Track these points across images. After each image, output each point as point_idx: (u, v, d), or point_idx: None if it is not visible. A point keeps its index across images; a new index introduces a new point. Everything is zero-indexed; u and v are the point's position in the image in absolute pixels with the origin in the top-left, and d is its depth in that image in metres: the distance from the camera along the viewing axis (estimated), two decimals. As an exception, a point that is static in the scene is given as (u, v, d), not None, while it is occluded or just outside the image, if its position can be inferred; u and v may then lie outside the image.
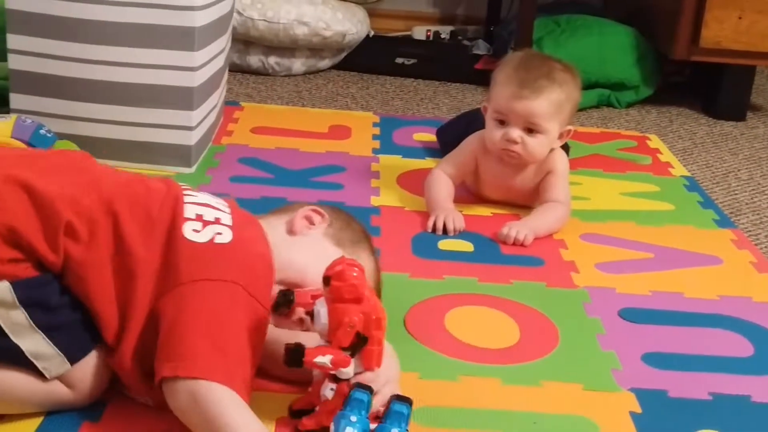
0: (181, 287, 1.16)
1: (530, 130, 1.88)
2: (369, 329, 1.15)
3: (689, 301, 1.67)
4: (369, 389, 1.14)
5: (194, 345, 1.11)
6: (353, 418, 1.11)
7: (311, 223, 1.37)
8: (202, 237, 1.21)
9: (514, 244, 1.82)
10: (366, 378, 1.17)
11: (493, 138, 1.90)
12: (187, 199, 1.26)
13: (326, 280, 1.15)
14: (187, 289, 1.16)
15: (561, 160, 1.97)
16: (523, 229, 1.84)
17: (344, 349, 1.14)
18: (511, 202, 2.01)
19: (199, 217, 1.24)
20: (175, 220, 1.22)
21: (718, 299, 1.68)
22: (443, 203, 1.92)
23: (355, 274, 1.14)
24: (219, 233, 1.22)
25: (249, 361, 1.16)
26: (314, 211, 1.38)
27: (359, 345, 1.15)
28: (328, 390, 1.17)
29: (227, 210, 1.30)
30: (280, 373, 1.28)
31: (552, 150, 1.93)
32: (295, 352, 1.14)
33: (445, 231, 1.85)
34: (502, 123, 1.89)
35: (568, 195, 1.96)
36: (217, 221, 1.24)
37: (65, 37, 1.93)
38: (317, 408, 1.19)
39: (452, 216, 1.87)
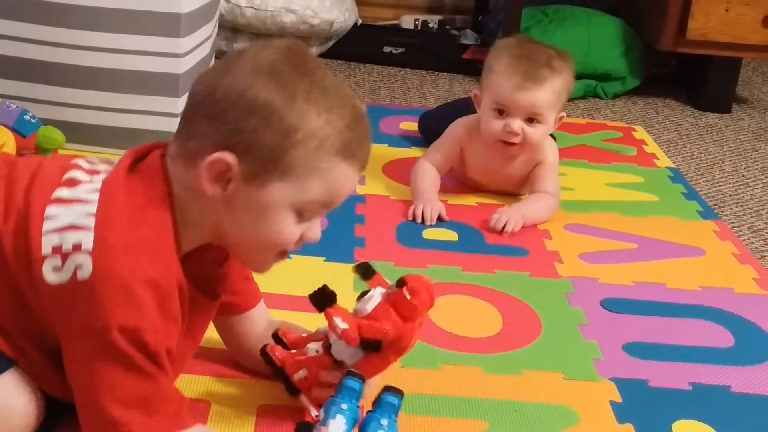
0: (62, 340, 1.05)
1: (530, 120, 1.88)
2: (390, 347, 1.16)
3: (671, 291, 1.68)
4: (361, 378, 1.14)
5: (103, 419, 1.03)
6: (344, 406, 1.12)
7: (221, 177, 1.05)
8: (63, 275, 1.02)
9: (502, 231, 1.83)
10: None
11: (493, 129, 1.90)
12: (46, 225, 1.04)
13: (401, 282, 1.16)
14: (66, 344, 1.05)
15: (551, 150, 1.98)
16: (513, 215, 1.85)
17: (361, 339, 1.14)
18: (498, 187, 2.02)
19: (57, 250, 1.03)
20: (32, 263, 1.04)
21: (699, 290, 1.69)
22: (425, 192, 1.92)
23: (422, 297, 1.16)
24: (80, 266, 1.02)
25: (153, 394, 1.04)
26: (215, 162, 1.03)
27: (371, 348, 1.16)
28: (312, 350, 1.19)
29: (94, 199, 1.05)
30: (256, 369, 1.28)
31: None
32: (324, 296, 1.16)
33: (424, 220, 1.86)
34: (501, 113, 1.89)
35: (558, 186, 1.97)
36: (75, 249, 1.03)
37: (51, 22, 1.92)
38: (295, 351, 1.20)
39: (431, 205, 1.88)
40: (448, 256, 1.74)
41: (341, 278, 1.25)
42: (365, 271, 1.21)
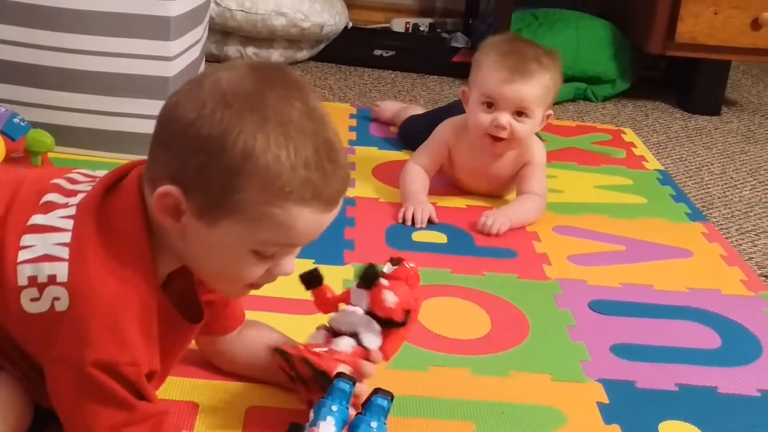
0: (44, 366, 1.05)
1: (518, 114, 1.89)
2: (410, 320, 1.20)
3: (659, 293, 1.68)
4: (352, 380, 1.14)
5: None
6: (334, 407, 1.12)
7: (173, 211, 1.01)
8: (41, 306, 1.01)
9: (489, 234, 1.83)
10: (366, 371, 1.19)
11: (481, 122, 1.90)
12: (21, 255, 1.03)
13: (397, 259, 1.22)
14: (48, 371, 1.04)
15: (539, 151, 1.99)
16: (499, 218, 1.85)
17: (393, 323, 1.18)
18: (486, 188, 2.02)
19: (32, 281, 1.01)
20: (9, 292, 1.02)
21: (687, 292, 1.69)
22: (415, 195, 1.93)
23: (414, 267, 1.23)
24: (57, 298, 1.01)
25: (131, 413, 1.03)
26: (162, 196, 0.99)
27: (395, 325, 1.19)
28: (348, 346, 1.19)
29: (68, 227, 1.03)
30: (261, 379, 1.29)
31: (532, 137, 1.95)
32: (313, 277, 1.21)
33: (414, 222, 1.87)
34: (489, 107, 1.90)
35: (545, 187, 1.97)
36: (51, 281, 1.01)
37: (40, 25, 1.92)
38: (325, 349, 1.19)
39: (421, 207, 1.88)
40: (437, 258, 1.74)
41: (331, 281, 1.25)
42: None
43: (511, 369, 1.41)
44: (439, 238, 1.84)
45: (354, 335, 1.20)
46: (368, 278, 1.19)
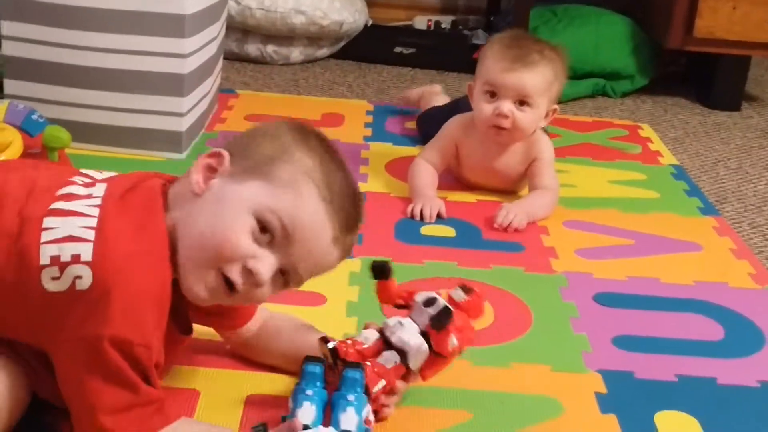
0: (52, 346, 1.08)
1: (521, 103, 1.90)
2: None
3: (665, 286, 1.69)
4: (322, 361, 1.17)
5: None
6: (309, 392, 1.14)
7: (212, 171, 1.13)
8: (61, 285, 1.05)
9: (506, 229, 1.85)
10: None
11: (484, 111, 1.92)
12: (44, 236, 1.07)
13: (467, 288, 1.25)
14: (56, 352, 1.07)
15: (546, 146, 1.99)
16: (519, 213, 1.87)
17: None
18: (494, 185, 2.03)
19: (55, 260, 1.05)
20: (30, 270, 1.05)
21: (693, 285, 1.70)
22: (424, 190, 1.94)
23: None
24: (79, 276, 1.04)
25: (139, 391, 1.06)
26: (212, 155, 1.14)
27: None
28: (391, 361, 1.21)
29: (94, 214, 1.08)
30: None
31: (536, 134, 1.96)
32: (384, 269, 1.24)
33: (423, 218, 1.88)
34: (492, 96, 1.91)
35: (557, 180, 1.98)
36: (74, 260, 1.05)
37: (58, 23, 1.96)
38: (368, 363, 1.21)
39: (430, 203, 1.90)
40: (444, 252, 1.76)
41: (338, 274, 1.26)
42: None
43: (512, 360, 1.42)
44: (448, 232, 1.85)
45: (402, 353, 1.21)
46: (440, 320, 1.20)
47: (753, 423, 1.31)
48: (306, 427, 1.09)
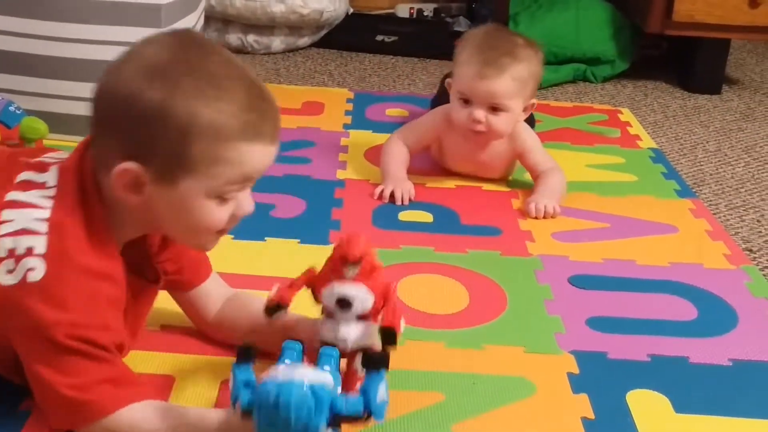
0: (14, 342, 1.10)
1: (494, 109, 1.90)
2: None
3: (640, 268, 1.70)
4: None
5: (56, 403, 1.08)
6: (287, 361, 1.13)
7: (134, 187, 1.08)
8: (15, 277, 1.06)
9: (544, 217, 1.86)
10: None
11: (459, 117, 1.92)
12: (1, 229, 1.09)
13: (349, 260, 1.16)
14: (19, 346, 1.09)
15: (529, 136, 2.00)
16: (549, 201, 1.87)
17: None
18: (479, 176, 2.04)
19: (11, 253, 1.07)
20: None
21: (668, 266, 1.71)
22: (395, 172, 1.95)
23: (363, 238, 1.18)
24: (31, 269, 1.06)
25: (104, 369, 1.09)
26: (121, 175, 1.07)
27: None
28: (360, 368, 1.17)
29: (48, 205, 1.09)
30: (226, 342, 1.32)
31: (518, 125, 1.96)
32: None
33: (394, 200, 1.89)
34: (466, 102, 1.92)
35: (551, 157, 2.00)
36: (28, 253, 1.07)
37: (33, 15, 1.97)
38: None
39: (401, 186, 1.91)
40: (421, 237, 1.77)
41: (315, 260, 1.27)
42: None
43: (485, 342, 1.43)
44: (426, 217, 1.86)
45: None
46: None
47: (724, 401, 1.32)
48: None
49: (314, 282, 1.21)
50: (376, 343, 1.19)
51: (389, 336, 1.17)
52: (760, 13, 2.72)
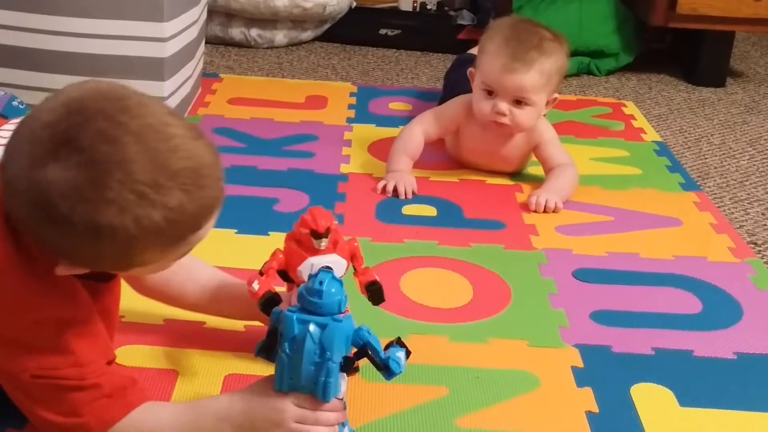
0: None
1: (518, 102, 1.90)
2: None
3: (644, 261, 1.69)
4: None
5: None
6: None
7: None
8: None
9: (545, 212, 1.85)
10: None
11: (482, 109, 1.91)
12: None
13: (318, 234, 1.18)
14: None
15: (547, 128, 2.00)
16: (552, 196, 1.87)
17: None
18: (495, 169, 2.03)
19: None
20: None
21: (673, 259, 1.70)
22: (398, 166, 1.95)
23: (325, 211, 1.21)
24: None
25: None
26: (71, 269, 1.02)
27: None
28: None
29: None
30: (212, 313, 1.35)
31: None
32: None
33: (397, 194, 1.89)
34: (490, 93, 1.91)
35: (568, 154, 1.99)
36: None
37: (36, 9, 1.96)
38: None
39: (404, 180, 1.90)
40: (425, 231, 1.76)
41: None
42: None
43: (490, 336, 1.43)
44: (429, 211, 1.86)
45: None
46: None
47: (728, 394, 1.32)
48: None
49: (287, 262, 1.22)
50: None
51: (376, 292, 1.22)
52: (765, 6, 2.71)
